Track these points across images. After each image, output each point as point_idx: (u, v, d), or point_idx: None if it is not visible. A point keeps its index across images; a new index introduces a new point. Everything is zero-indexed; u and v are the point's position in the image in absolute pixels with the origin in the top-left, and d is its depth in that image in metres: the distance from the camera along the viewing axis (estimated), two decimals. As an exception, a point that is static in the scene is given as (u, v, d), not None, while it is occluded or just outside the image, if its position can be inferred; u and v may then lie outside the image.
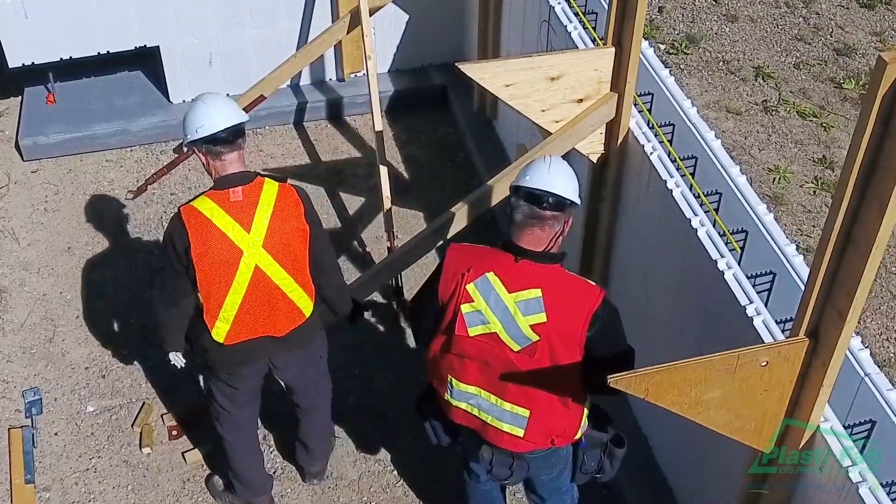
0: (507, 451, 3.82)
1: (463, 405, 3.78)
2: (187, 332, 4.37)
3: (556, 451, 3.81)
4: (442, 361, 3.75)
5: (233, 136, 3.98)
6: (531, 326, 3.51)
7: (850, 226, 2.81)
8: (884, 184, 2.63)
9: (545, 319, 3.50)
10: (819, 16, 8.36)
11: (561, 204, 3.55)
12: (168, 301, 4.26)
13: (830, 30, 8.22)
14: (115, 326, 5.76)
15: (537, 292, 3.51)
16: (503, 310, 3.54)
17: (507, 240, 3.62)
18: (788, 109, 7.44)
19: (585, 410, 3.75)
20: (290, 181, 4.17)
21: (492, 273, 3.57)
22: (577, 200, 3.63)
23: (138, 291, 5.90)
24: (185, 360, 4.58)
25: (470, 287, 3.58)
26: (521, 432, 3.70)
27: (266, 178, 4.08)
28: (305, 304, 4.26)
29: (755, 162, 7.00)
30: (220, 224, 3.98)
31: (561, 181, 3.57)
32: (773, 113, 7.41)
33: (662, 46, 8.06)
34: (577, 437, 3.80)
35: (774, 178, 6.84)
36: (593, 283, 3.60)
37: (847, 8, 8.44)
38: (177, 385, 5.34)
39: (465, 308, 3.59)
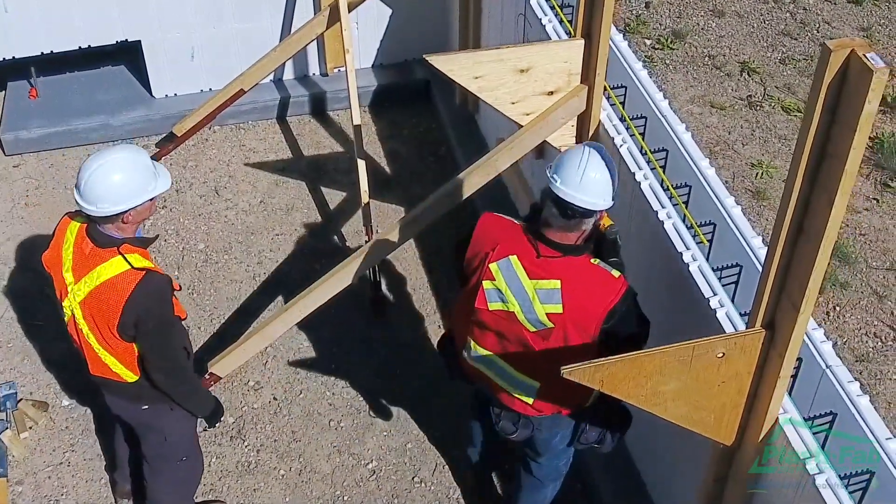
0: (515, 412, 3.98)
1: (479, 366, 3.93)
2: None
3: (562, 416, 3.94)
4: (464, 322, 3.91)
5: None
6: (547, 314, 3.61)
7: (801, 216, 2.80)
8: (832, 173, 2.61)
9: (561, 311, 3.59)
10: (806, 11, 8.33)
11: (587, 212, 3.60)
12: None
13: (817, 25, 8.19)
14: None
15: (556, 283, 3.58)
16: (522, 294, 3.64)
17: (537, 226, 3.70)
18: (773, 105, 7.42)
19: None
20: (149, 271, 3.85)
21: (515, 257, 3.66)
22: (608, 204, 3.67)
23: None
24: None
25: (493, 266, 3.69)
26: (530, 401, 3.86)
27: (121, 257, 3.82)
28: (122, 371, 4.04)
29: (738, 157, 6.98)
30: (65, 253, 3.94)
31: (592, 186, 3.57)
32: (758, 108, 7.39)
33: (648, 42, 8.04)
34: (586, 405, 3.89)
35: (757, 173, 6.82)
36: (616, 276, 3.62)
37: (834, 3, 8.41)
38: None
39: (486, 284, 3.71)
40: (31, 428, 5.20)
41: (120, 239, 3.86)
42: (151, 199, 3.90)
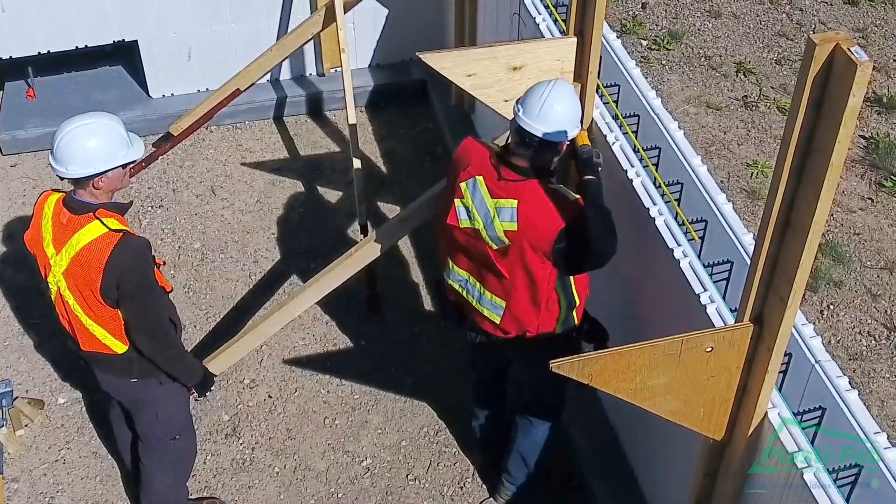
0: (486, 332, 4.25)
1: (456, 286, 4.24)
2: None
3: (535, 345, 4.08)
4: (444, 242, 4.24)
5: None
6: (505, 232, 3.87)
7: (787, 211, 2.82)
8: (818, 167, 2.63)
9: (516, 228, 3.85)
10: (802, 12, 8.35)
11: (545, 143, 3.81)
12: None
13: (813, 26, 8.21)
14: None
15: (513, 203, 3.85)
16: (485, 211, 3.93)
17: (503, 151, 4.01)
18: (769, 105, 7.44)
19: (561, 312, 4.04)
20: (128, 234, 3.89)
21: (481, 177, 3.95)
22: (565, 136, 3.85)
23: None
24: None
25: (462, 185, 4.00)
26: (497, 319, 4.12)
27: (98, 221, 3.87)
28: (111, 342, 4.05)
29: (733, 157, 6.99)
30: (44, 229, 3.98)
31: (551, 117, 3.79)
32: (754, 108, 7.41)
33: (645, 42, 8.05)
34: (557, 331, 4.09)
35: (752, 173, 6.84)
36: (572, 199, 3.85)
37: (830, 4, 8.44)
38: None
39: (457, 202, 4.01)
40: (26, 425, 5.22)
41: (95, 204, 3.91)
42: (123, 167, 3.93)
